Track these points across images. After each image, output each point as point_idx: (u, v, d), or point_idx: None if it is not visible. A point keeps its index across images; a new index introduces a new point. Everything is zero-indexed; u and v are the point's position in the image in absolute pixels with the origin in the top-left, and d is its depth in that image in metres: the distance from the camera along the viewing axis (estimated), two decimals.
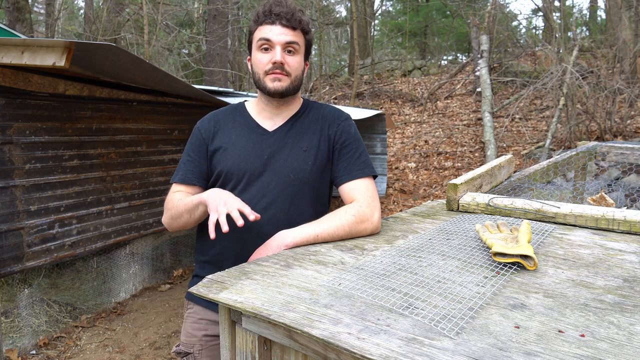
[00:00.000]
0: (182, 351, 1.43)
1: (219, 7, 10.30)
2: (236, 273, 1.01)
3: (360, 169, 1.39)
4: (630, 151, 2.67)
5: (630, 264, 1.07)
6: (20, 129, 2.98)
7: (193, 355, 1.42)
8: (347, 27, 17.52)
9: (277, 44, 1.31)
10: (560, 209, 1.44)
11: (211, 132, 1.42)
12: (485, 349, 0.68)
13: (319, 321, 0.77)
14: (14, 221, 2.96)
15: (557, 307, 0.83)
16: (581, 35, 12.96)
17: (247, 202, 1.35)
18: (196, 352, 1.42)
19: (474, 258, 1.08)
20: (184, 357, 1.43)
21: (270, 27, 1.31)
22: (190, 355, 1.42)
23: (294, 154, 1.38)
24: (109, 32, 10.87)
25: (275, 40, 1.30)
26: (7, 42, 2.43)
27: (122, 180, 3.80)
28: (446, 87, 11.85)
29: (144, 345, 3.36)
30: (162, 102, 4.11)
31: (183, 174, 1.42)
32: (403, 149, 8.78)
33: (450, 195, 1.65)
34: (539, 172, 2.23)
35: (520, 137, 8.33)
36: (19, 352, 3.11)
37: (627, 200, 3.69)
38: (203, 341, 1.42)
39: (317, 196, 1.42)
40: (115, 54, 2.47)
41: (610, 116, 7.16)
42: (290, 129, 1.41)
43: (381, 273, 0.98)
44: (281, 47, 1.31)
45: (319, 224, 1.25)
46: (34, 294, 3.75)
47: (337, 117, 1.45)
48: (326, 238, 1.24)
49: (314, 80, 13.38)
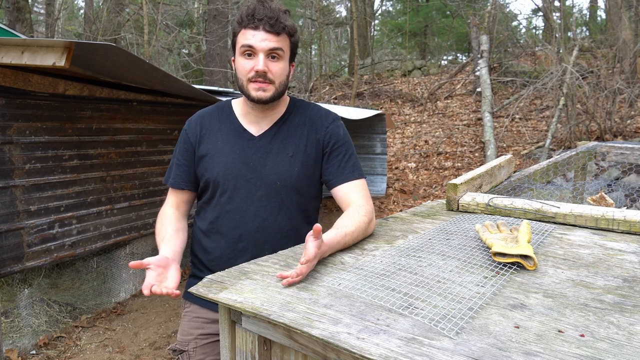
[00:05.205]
0: (177, 349, 1.44)
1: (219, 7, 10.30)
2: (236, 273, 1.01)
3: (350, 172, 1.38)
4: (630, 151, 2.67)
5: (630, 264, 1.07)
6: (20, 129, 2.98)
7: (187, 352, 1.43)
8: (347, 27, 17.51)
9: (260, 51, 1.27)
10: (560, 209, 1.44)
11: (198, 135, 1.42)
12: (485, 349, 0.68)
13: (319, 321, 0.77)
14: (14, 221, 2.96)
15: (556, 307, 0.83)
16: (581, 35, 12.96)
17: (235, 210, 1.37)
18: (191, 350, 1.42)
19: (473, 258, 1.08)
20: (179, 355, 1.44)
21: (253, 33, 1.27)
22: (185, 353, 1.43)
23: (280, 160, 1.36)
24: (109, 32, 10.87)
25: (259, 47, 1.26)
26: (7, 42, 2.43)
27: (122, 180, 3.80)
28: (446, 87, 11.85)
29: (144, 345, 3.36)
30: (162, 102, 4.11)
31: (173, 178, 1.45)
32: (403, 149, 8.78)
33: (450, 195, 1.65)
34: (539, 172, 2.23)
35: (520, 137, 8.33)
36: (19, 352, 3.11)
37: (627, 200, 3.69)
38: (198, 339, 1.43)
39: (306, 200, 1.42)
40: (115, 54, 2.47)
41: (610, 116, 7.16)
42: (276, 134, 1.39)
43: (381, 273, 0.98)
44: (264, 54, 1.27)
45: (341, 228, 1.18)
46: (34, 294, 3.75)
47: (325, 120, 1.43)
48: (348, 242, 1.18)
49: (314, 80, 13.38)
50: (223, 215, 1.38)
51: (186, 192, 1.45)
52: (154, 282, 1.10)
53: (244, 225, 1.36)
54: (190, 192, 1.46)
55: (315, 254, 0.98)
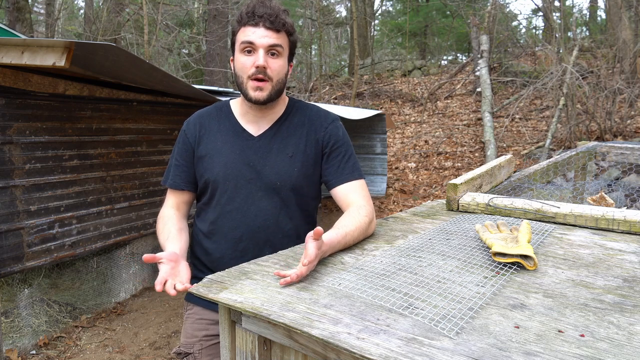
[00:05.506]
0: (182, 352, 1.43)
1: (219, 7, 10.31)
2: (236, 273, 1.01)
3: (350, 172, 1.39)
4: (630, 151, 2.67)
5: (630, 264, 1.07)
6: (20, 129, 2.98)
7: (193, 355, 1.42)
8: (347, 27, 17.51)
9: (260, 47, 1.27)
10: (560, 209, 1.44)
11: (197, 136, 1.42)
12: (485, 349, 0.68)
13: (319, 321, 0.77)
14: (14, 221, 2.96)
15: (556, 307, 0.83)
16: (581, 35, 12.96)
17: (235, 210, 1.37)
18: (196, 352, 1.42)
19: (473, 258, 1.08)
20: (184, 358, 1.43)
21: (253, 29, 1.28)
22: (190, 355, 1.42)
23: (279, 161, 1.37)
24: (109, 32, 10.87)
25: (259, 43, 1.27)
26: (7, 42, 2.43)
27: (122, 180, 3.80)
28: (446, 87, 11.85)
29: (144, 345, 3.36)
30: (162, 102, 4.11)
31: (172, 179, 1.44)
32: (403, 149, 8.78)
33: (450, 195, 1.65)
34: (539, 172, 2.23)
35: (520, 137, 8.33)
36: (19, 352, 3.11)
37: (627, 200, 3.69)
38: (203, 341, 1.42)
39: (306, 201, 1.42)
40: (115, 54, 2.48)
41: (610, 116, 7.17)
42: (275, 134, 1.39)
43: (381, 273, 0.98)
44: (264, 50, 1.28)
45: (342, 228, 1.18)
46: (34, 294, 3.75)
47: (324, 120, 1.43)
48: (349, 242, 1.18)
49: (314, 80, 13.38)
50: (224, 216, 1.38)
51: (186, 192, 1.45)
52: (168, 277, 1.11)
53: (245, 226, 1.36)
54: (190, 192, 1.46)
55: (316, 255, 0.99)
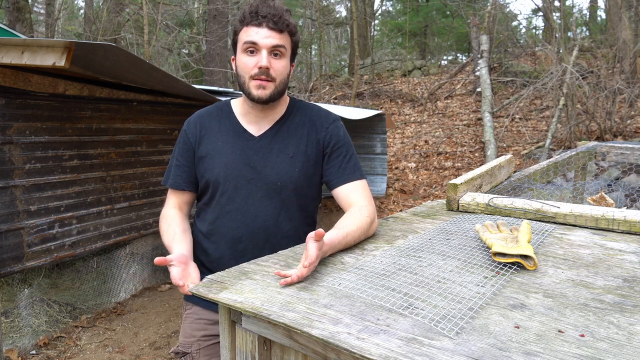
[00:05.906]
0: (180, 351, 1.43)
1: (219, 7, 10.30)
2: (236, 273, 1.01)
3: (351, 172, 1.39)
4: (630, 151, 2.67)
5: (630, 264, 1.07)
6: (20, 129, 2.98)
7: (191, 354, 1.42)
8: (347, 27, 17.51)
9: (264, 48, 1.27)
10: (560, 209, 1.44)
11: (197, 136, 1.42)
12: (485, 349, 0.68)
13: (319, 321, 0.77)
14: (14, 221, 2.96)
15: (557, 307, 0.83)
16: (581, 35, 12.96)
17: (235, 210, 1.37)
18: (194, 352, 1.42)
19: (474, 258, 1.08)
20: (182, 357, 1.43)
21: (256, 30, 1.27)
22: (188, 355, 1.42)
23: (280, 161, 1.36)
24: (109, 32, 10.87)
25: (262, 44, 1.27)
26: (7, 42, 2.43)
27: (122, 180, 3.80)
28: (446, 87, 11.85)
29: (144, 345, 3.36)
30: (162, 102, 4.11)
31: (173, 179, 1.44)
32: (403, 149, 8.78)
33: (450, 195, 1.65)
34: (539, 172, 2.23)
35: (520, 137, 8.33)
36: (19, 352, 3.11)
37: (627, 200, 3.69)
38: (201, 341, 1.42)
39: (306, 201, 1.42)
40: (115, 54, 2.47)
41: (610, 116, 7.16)
42: (276, 134, 1.39)
43: (381, 273, 0.98)
44: (267, 50, 1.27)
45: (343, 228, 1.18)
46: (34, 294, 3.75)
47: (325, 120, 1.43)
48: (350, 242, 1.18)
49: (314, 80, 13.38)
50: (223, 216, 1.38)
51: (187, 192, 1.45)
52: (181, 279, 1.13)
53: (244, 226, 1.36)
54: (191, 192, 1.46)
55: (317, 256, 0.99)
